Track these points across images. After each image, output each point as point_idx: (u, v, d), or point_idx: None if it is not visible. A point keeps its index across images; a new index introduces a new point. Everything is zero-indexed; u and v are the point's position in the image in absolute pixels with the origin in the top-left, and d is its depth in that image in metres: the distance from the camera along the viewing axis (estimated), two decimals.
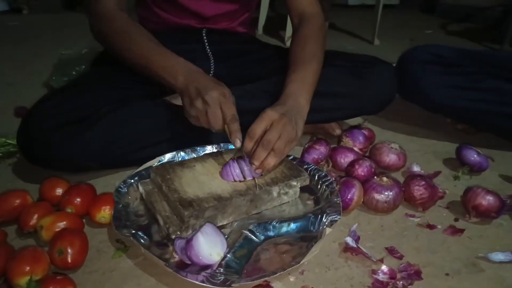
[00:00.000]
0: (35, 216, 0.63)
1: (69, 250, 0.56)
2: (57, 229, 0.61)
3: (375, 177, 0.74)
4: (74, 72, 1.27)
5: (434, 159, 0.94)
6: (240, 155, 0.71)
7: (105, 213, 0.65)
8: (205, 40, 0.98)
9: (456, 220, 0.71)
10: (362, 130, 0.94)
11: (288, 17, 1.91)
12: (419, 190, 0.72)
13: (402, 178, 0.83)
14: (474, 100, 0.92)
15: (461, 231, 0.67)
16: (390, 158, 0.85)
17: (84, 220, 0.66)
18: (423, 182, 0.72)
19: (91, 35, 0.83)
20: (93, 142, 0.72)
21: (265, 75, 0.93)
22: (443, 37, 2.56)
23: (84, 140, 0.72)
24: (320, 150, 0.86)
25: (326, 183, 0.74)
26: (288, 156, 0.78)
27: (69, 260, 0.56)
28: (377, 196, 0.70)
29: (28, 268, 0.52)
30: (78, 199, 0.67)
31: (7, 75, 1.46)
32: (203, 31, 0.97)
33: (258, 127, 0.65)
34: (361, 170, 0.78)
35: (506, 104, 0.90)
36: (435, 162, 0.92)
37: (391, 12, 3.16)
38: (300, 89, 0.75)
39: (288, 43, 2.11)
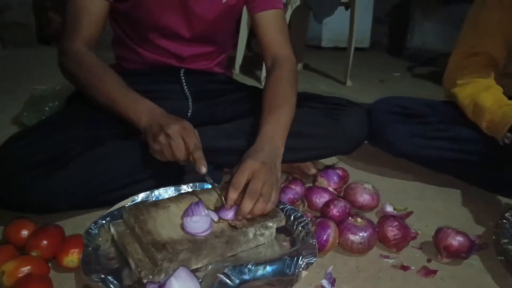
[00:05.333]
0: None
1: None
2: (21, 275, 0.57)
3: (350, 217, 0.75)
4: (47, 108, 1.24)
5: (405, 198, 0.96)
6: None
7: (73, 257, 0.62)
8: (183, 80, 1.00)
9: (429, 261, 0.72)
10: (337, 170, 0.96)
11: None
12: (392, 231, 0.73)
13: (375, 218, 0.84)
14: (436, 148, 0.98)
15: (434, 272, 0.68)
16: (364, 198, 0.86)
17: (50, 265, 0.63)
18: (396, 223, 0.74)
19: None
20: (65, 183, 0.70)
21: (242, 115, 0.95)
22: (410, 80, 2.71)
23: (56, 181, 0.69)
24: (296, 190, 0.87)
25: (302, 224, 0.74)
26: None
27: None
28: (352, 237, 0.71)
29: None
30: (45, 242, 0.64)
31: None
32: (181, 71, 0.99)
33: (241, 178, 0.67)
34: (336, 210, 0.79)
35: (465, 151, 0.96)
36: (406, 201, 0.94)
37: (362, 54, 3.33)
38: (275, 132, 0.77)
39: (264, 83, 2.16)
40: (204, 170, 0.70)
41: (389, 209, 0.87)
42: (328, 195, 0.86)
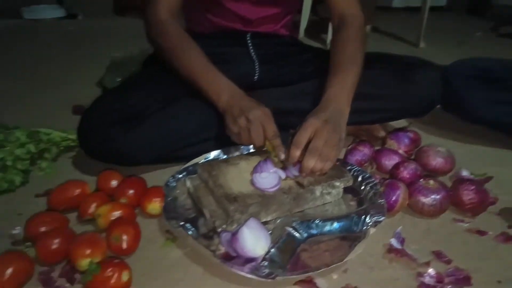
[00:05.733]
0: (93, 205, 0.68)
1: (124, 237, 0.60)
2: (113, 218, 0.65)
3: (421, 180, 0.73)
4: (123, 71, 1.34)
5: (483, 165, 0.90)
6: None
7: (155, 205, 0.69)
8: (250, 44, 1.01)
9: (509, 227, 0.68)
10: (407, 133, 0.93)
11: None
12: (468, 195, 0.70)
13: (449, 183, 0.80)
14: None
15: None
16: (437, 161, 0.83)
17: (136, 211, 0.70)
18: (473, 187, 0.70)
19: (140, 39, 0.88)
20: (143, 138, 0.77)
21: (307, 77, 0.94)
22: (494, 40, 2.45)
23: (135, 135, 0.76)
24: (364, 152, 0.86)
25: (370, 185, 0.74)
26: None
27: (124, 246, 0.60)
28: (423, 199, 0.69)
29: (88, 251, 0.56)
30: (131, 191, 0.71)
31: (65, 76, 1.57)
32: (248, 35, 1.00)
33: (302, 136, 0.67)
34: (406, 172, 0.77)
35: None
36: (485, 168, 0.88)
37: (437, 15, 3.06)
38: (340, 93, 0.76)
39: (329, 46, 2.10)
40: (282, 156, 0.71)
41: (465, 173, 0.82)
42: (398, 157, 0.83)
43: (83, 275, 0.54)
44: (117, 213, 0.66)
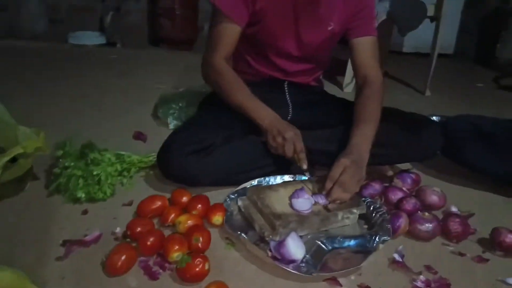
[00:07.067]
0: (173, 215, 0.91)
1: (201, 239, 0.83)
2: (188, 225, 0.88)
3: (419, 212, 0.96)
4: (174, 106, 1.59)
5: (471, 203, 1.12)
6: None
7: (219, 217, 0.92)
8: (286, 91, 1.26)
9: (484, 252, 0.90)
10: (411, 174, 1.16)
11: (348, 64, 2.18)
12: (454, 225, 0.92)
13: (441, 216, 1.02)
14: (504, 164, 1.13)
15: (487, 260, 0.87)
16: (433, 198, 1.05)
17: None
18: (458, 219, 0.93)
19: (175, 72, 1.12)
20: (209, 165, 1.01)
21: (331, 123, 1.18)
22: (492, 92, 2.69)
23: (203, 164, 1.00)
24: (375, 187, 1.09)
25: (380, 213, 0.97)
26: None
27: (200, 246, 0.82)
28: (420, 227, 0.92)
29: (177, 247, 0.79)
30: (200, 206, 0.94)
31: (121, 103, 1.81)
32: (285, 83, 1.25)
33: (336, 172, 0.92)
34: (408, 205, 1.00)
35: None
36: (470, 206, 1.09)
37: (446, 61, 3.30)
38: (362, 142, 0.99)
39: (346, 89, 2.34)
40: (305, 166, 0.99)
41: (454, 209, 1.04)
42: (402, 193, 1.06)
43: (178, 262, 0.76)
44: (191, 222, 0.89)
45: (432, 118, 1.44)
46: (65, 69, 2.36)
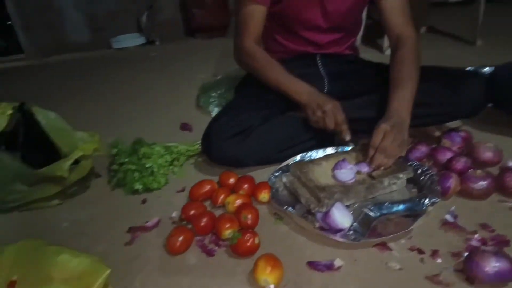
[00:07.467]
0: (222, 196, 0.96)
1: (249, 216, 0.87)
2: (237, 204, 0.93)
3: (470, 170, 0.92)
4: (214, 94, 1.64)
5: None
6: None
7: (265, 195, 0.96)
8: (319, 64, 1.25)
9: None
10: (460, 132, 1.11)
11: None
12: (511, 180, 0.88)
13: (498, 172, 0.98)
14: None
15: None
16: (486, 155, 1.00)
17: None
18: None
19: (212, 59, 1.15)
20: (250, 146, 1.05)
21: (369, 89, 1.15)
22: None
23: (245, 145, 1.04)
24: (422, 150, 1.06)
25: (428, 175, 0.94)
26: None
27: (250, 222, 0.87)
28: (472, 185, 0.88)
29: (228, 225, 0.84)
30: (246, 185, 0.98)
31: (167, 97, 1.90)
32: (318, 56, 1.24)
33: (377, 138, 0.91)
34: (458, 164, 0.96)
35: None
36: None
37: (499, 6, 3.03)
38: (401, 105, 0.96)
39: (386, 52, 2.25)
40: (348, 137, 0.99)
41: (511, 164, 0.99)
42: (451, 153, 1.02)
43: (230, 238, 0.81)
44: (239, 201, 0.93)
45: (477, 71, 1.35)
46: (110, 74, 2.52)
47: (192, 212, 0.91)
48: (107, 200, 1.06)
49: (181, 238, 0.83)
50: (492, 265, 0.65)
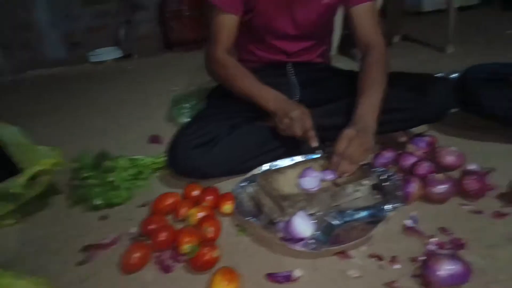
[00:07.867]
0: (185, 209, 0.94)
1: (211, 229, 0.85)
2: (199, 216, 0.91)
3: (432, 174, 0.92)
4: (187, 105, 1.62)
5: (493, 158, 1.06)
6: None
7: (229, 206, 0.94)
8: (291, 72, 1.25)
9: (501, 207, 0.86)
10: (424, 137, 1.11)
11: None
12: (469, 183, 0.88)
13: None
14: None
15: (504, 215, 0.82)
16: (448, 159, 1.01)
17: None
18: (474, 177, 0.88)
19: (188, 73, 1.14)
20: (217, 157, 1.03)
21: (340, 97, 1.15)
22: None
23: (211, 156, 1.03)
24: (387, 156, 1.06)
25: (391, 181, 0.94)
26: None
27: (211, 235, 0.85)
28: (433, 189, 0.88)
29: (188, 239, 0.82)
30: (210, 197, 0.97)
31: (138, 111, 1.89)
32: (289, 65, 1.24)
33: (341, 145, 0.90)
34: (421, 169, 0.96)
35: None
36: (493, 161, 1.03)
37: (471, 13, 3.11)
38: (367, 111, 0.96)
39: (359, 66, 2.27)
40: (315, 144, 0.97)
41: (473, 167, 0.99)
42: (414, 158, 1.02)
43: (188, 253, 0.79)
44: (201, 214, 0.91)
45: (446, 76, 1.37)
46: (85, 88, 2.48)
47: (152, 226, 0.89)
48: (66, 217, 1.03)
49: (137, 255, 0.80)
50: (445, 269, 0.64)
